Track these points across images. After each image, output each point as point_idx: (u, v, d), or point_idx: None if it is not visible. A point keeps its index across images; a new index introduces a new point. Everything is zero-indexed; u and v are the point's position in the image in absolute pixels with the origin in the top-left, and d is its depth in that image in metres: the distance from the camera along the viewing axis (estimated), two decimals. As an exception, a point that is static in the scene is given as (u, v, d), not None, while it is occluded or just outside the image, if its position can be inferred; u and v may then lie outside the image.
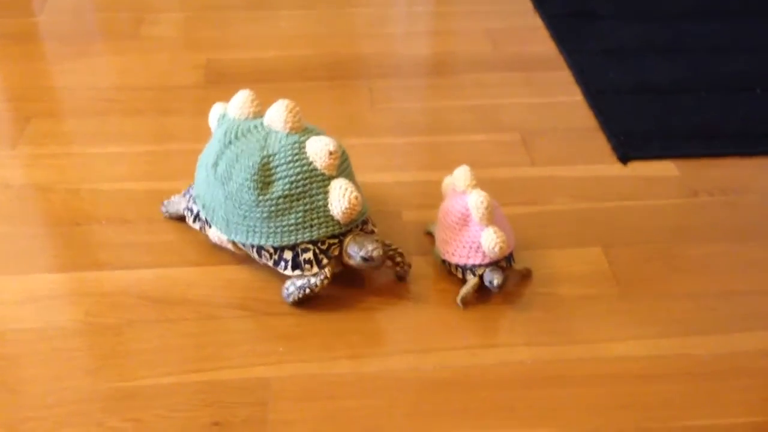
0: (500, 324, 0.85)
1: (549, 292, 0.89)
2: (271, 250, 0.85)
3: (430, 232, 0.95)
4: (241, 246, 0.88)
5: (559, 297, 0.88)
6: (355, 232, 0.85)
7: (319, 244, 0.84)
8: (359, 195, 0.84)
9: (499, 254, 0.85)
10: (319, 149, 0.83)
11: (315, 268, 0.84)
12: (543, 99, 1.24)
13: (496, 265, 0.86)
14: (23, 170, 1.07)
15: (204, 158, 0.91)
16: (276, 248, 0.85)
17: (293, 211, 0.83)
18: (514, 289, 0.89)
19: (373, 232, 0.87)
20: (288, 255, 0.84)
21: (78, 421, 0.74)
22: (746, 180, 1.07)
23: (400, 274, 0.89)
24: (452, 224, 0.87)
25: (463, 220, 0.86)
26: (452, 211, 0.87)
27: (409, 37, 1.44)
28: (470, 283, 0.86)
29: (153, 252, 0.93)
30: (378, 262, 0.83)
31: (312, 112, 0.86)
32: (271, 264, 0.86)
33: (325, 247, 0.84)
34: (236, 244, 0.88)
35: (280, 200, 0.83)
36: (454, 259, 0.87)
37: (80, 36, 1.42)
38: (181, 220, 0.97)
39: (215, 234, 0.89)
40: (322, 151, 0.83)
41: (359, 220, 0.86)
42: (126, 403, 0.76)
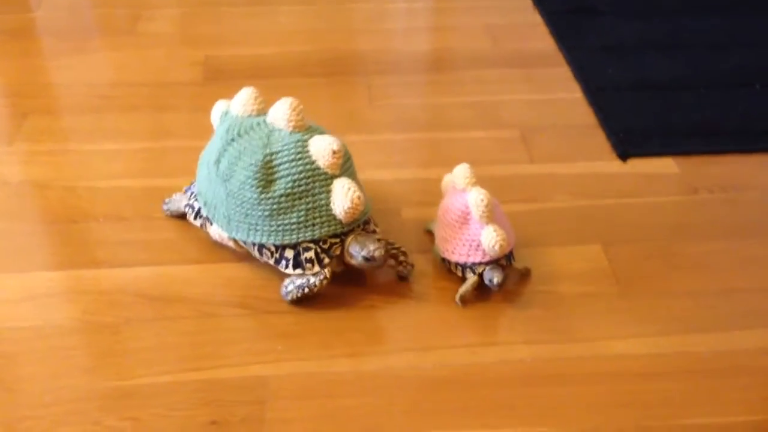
0: (500, 322, 0.85)
1: (549, 290, 0.88)
2: (273, 249, 0.85)
3: (429, 230, 0.95)
4: (242, 244, 0.87)
5: (558, 295, 0.88)
6: (357, 232, 0.85)
7: (321, 243, 0.84)
8: (362, 195, 0.83)
9: (499, 252, 0.85)
10: (323, 148, 0.82)
11: (316, 267, 0.83)
12: (542, 96, 1.24)
13: (496, 263, 0.86)
14: (20, 167, 1.07)
15: (206, 155, 0.90)
16: (277, 247, 0.84)
17: (295, 209, 0.83)
18: (514, 287, 0.89)
19: (375, 232, 0.87)
20: (289, 254, 0.84)
21: (75, 419, 0.74)
22: (746, 177, 1.07)
23: (403, 274, 0.89)
24: (452, 222, 0.87)
25: (463, 218, 0.86)
26: (452, 209, 0.87)
27: (409, 33, 1.44)
28: (469, 282, 0.86)
29: (150, 250, 0.93)
30: (379, 263, 0.83)
31: (310, 108, 0.86)
32: (272, 262, 0.86)
33: (326, 247, 0.84)
34: (237, 242, 0.88)
35: (282, 198, 0.83)
36: (454, 257, 0.87)
37: (77, 32, 1.41)
38: (181, 218, 0.96)
39: (216, 231, 0.89)
40: (326, 150, 0.82)
41: (361, 219, 0.85)
42: (123, 402, 0.75)
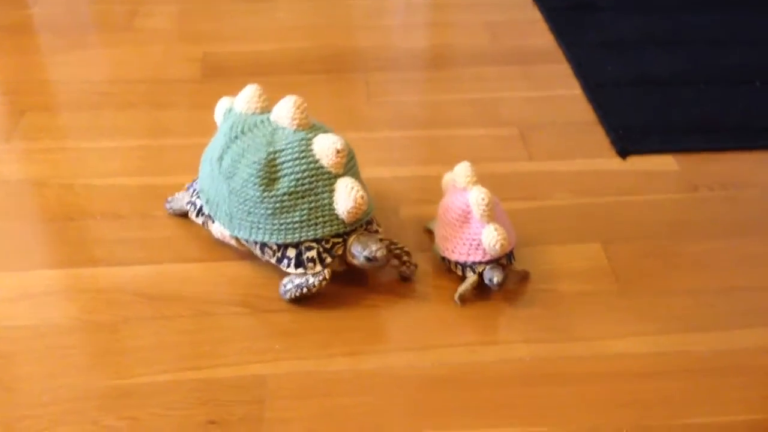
0: (499, 321, 0.85)
1: (548, 288, 0.88)
2: (275, 247, 0.84)
3: (429, 229, 0.94)
4: (243, 242, 0.87)
5: (558, 294, 0.87)
6: (359, 232, 0.84)
7: (323, 243, 0.83)
8: (365, 194, 0.83)
9: (500, 252, 0.84)
10: (327, 147, 0.82)
11: (318, 267, 0.83)
12: (541, 92, 1.23)
13: (497, 262, 0.85)
14: (17, 165, 1.07)
15: (209, 152, 0.90)
16: (279, 245, 0.84)
17: (298, 208, 0.82)
18: (513, 286, 0.88)
19: (378, 232, 0.87)
20: (291, 253, 0.84)
21: (73, 419, 0.73)
22: (746, 174, 1.06)
23: (406, 274, 0.88)
24: (452, 221, 0.86)
25: (464, 217, 0.85)
26: (452, 208, 0.87)
27: (407, 29, 1.43)
28: (469, 281, 0.85)
29: (148, 248, 0.93)
30: (381, 263, 0.83)
31: (309, 105, 0.85)
32: (273, 261, 0.85)
33: (329, 246, 0.83)
34: (239, 240, 0.87)
35: (285, 197, 0.82)
36: (454, 256, 0.87)
37: (74, 28, 1.41)
38: (183, 216, 0.96)
39: (218, 229, 0.89)
40: (330, 149, 0.82)
41: (364, 219, 0.85)
42: (121, 401, 0.75)
